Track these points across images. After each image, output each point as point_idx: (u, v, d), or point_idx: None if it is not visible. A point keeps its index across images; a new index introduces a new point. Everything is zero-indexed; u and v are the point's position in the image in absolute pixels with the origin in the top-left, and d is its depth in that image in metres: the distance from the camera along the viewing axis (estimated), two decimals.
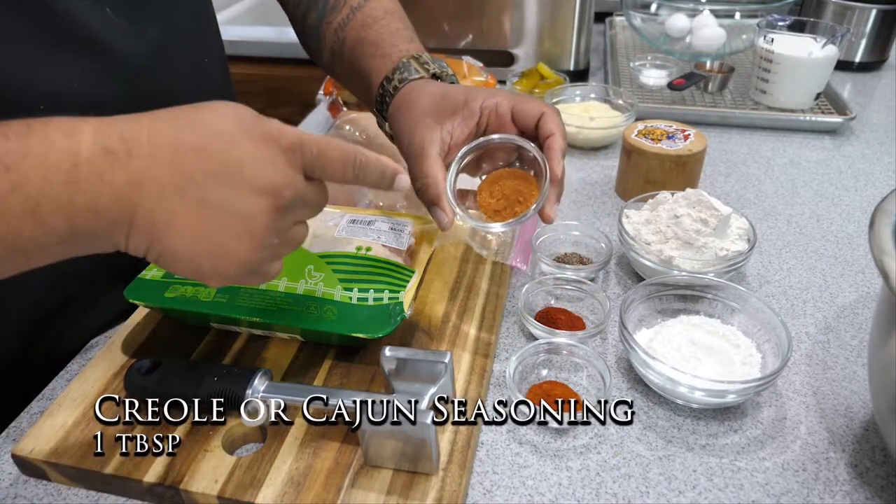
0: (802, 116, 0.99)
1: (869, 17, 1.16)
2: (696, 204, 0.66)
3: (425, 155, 0.55)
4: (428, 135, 0.56)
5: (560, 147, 0.55)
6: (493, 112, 0.56)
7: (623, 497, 0.47)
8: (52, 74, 0.51)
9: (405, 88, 0.60)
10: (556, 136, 0.55)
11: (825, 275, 0.69)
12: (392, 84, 0.61)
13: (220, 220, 0.38)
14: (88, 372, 0.55)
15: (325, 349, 0.57)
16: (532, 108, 0.56)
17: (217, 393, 0.49)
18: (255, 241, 0.40)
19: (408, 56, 0.62)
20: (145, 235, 0.38)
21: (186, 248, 0.39)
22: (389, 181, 0.47)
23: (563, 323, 0.60)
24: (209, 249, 0.39)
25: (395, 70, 0.61)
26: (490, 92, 0.57)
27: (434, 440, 0.44)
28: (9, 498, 0.48)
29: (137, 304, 0.57)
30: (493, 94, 0.57)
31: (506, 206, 0.57)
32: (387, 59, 0.62)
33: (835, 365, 0.58)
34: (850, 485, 0.48)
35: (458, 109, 0.56)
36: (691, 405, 0.53)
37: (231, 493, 0.45)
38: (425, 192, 0.55)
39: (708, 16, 1.14)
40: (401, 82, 0.60)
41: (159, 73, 0.59)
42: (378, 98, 0.62)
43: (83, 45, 0.52)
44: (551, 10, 1.11)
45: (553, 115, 0.56)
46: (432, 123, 0.56)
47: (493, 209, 0.57)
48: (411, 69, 0.61)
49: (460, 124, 0.56)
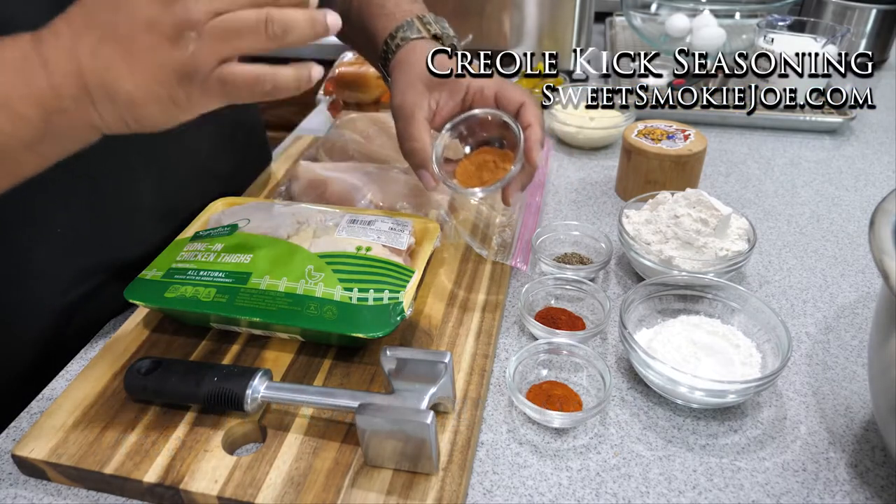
0: (802, 116, 1.00)
1: (869, 17, 1.16)
2: (696, 204, 0.66)
3: (414, 119, 0.59)
4: (418, 99, 0.60)
5: (538, 138, 0.59)
6: (479, 93, 0.61)
7: (623, 497, 0.47)
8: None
9: (406, 47, 0.64)
10: (535, 127, 0.59)
11: (825, 275, 0.69)
12: (395, 42, 0.64)
13: (137, 40, 0.41)
14: (88, 372, 0.55)
15: (325, 349, 0.57)
16: (515, 95, 0.60)
17: (217, 393, 0.49)
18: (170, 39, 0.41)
19: (412, 15, 0.65)
20: (105, 97, 0.41)
21: (136, 83, 0.41)
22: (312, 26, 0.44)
23: (563, 323, 0.60)
24: (149, 72, 0.41)
25: (398, 28, 0.64)
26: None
27: (434, 440, 0.44)
28: (9, 498, 0.48)
29: (137, 304, 0.57)
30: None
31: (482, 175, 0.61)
32: (391, 18, 0.66)
33: (835, 365, 0.58)
34: (850, 485, 0.48)
35: (447, 83, 0.61)
36: (691, 405, 0.53)
37: (231, 493, 0.45)
38: (413, 154, 0.60)
39: (708, 16, 1.13)
40: (402, 40, 0.64)
41: None
42: (382, 55, 0.66)
43: None
44: (551, 10, 1.11)
45: (533, 105, 0.60)
46: (423, 89, 0.60)
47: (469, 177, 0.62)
48: (413, 28, 0.64)
49: (447, 97, 0.61)
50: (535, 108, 0.60)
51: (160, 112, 0.43)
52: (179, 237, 0.64)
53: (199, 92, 0.43)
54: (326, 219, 0.62)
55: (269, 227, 0.61)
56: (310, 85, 0.46)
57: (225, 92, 0.44)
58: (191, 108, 0.44)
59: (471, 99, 0.61)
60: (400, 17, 0.65)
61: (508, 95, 0.60)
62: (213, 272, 0.57)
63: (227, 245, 0.59)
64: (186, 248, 0.61)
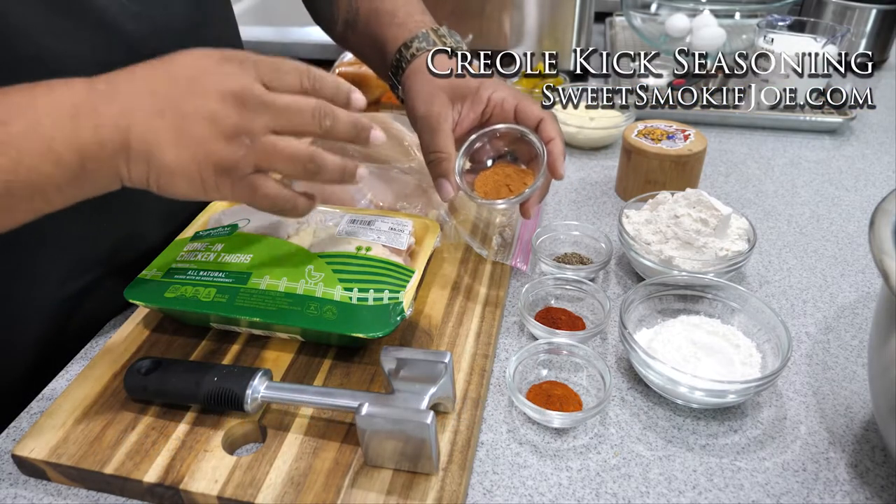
0: (802, 116, 0.99)
1: (869, 17, 1.16)
2: (696, 204, 0.66)
3: (440, 130, 0.60)
4: (444, 110, 0.60)
5: (561, 152, 0.60)
6: (498, 106, 0.61)
7: (623, 497, 0.47)
8: (67, 59, 0.53)
9: (422, 57, 0.63)
10: (557, 141, 0.60)
11: (825, 275, 0.69)
12: (410, 51, 0.64)
13: (195, 125, 0.44)
14: (88, 372, 0.55)
15: (325, 349, 0.57)
16: (534, 110, 0.61)
17: (217, 393, 0.49)
18: (227, 137, 0.44)
19: (426, 27, 0.65)
20: (142, 158, 0.44)
21: (177, 158, 0.44)
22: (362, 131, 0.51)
23: (563, 323, 0.60)
24: (193, 154, 0.44)
25: (413, 38, 0.64)
26: (498, 84, 0.62)
27: (434, 440, 0.44)
28: (9, 498, 0.48)
29: (137, 304, 0.57)
30: (500, 88, 0.61)
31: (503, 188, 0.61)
32: (403, 28, 0.66)
33: (835, 365, 0.58)
34: (850, 485, 0.48)
35: (469, 94, 0.61)
36: (691, 405, 0.53)
37: (231, 493, 0.45)
38: (438, 164, 0.60)
39: (708, 16, 1.13)
40: (418, 51, 0.64)
41: None
42: (394, 63, 0.66)
43: (96, 28, 0.54)
44: (551, 10, 1.11)
45: (552, 120, 0.61)
46: (447, 101, 0.61)
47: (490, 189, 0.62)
48: (429, 40, 0.64)
49: (469, 109, 0.61)
50: (555, 122, 0.61)
51: (187, 187, 0.46)
52: (179, 237, 0.64)
53: (230, 186, 0.46)
54: (326, 219, 0.62)
55: (269, 227, 0.61)
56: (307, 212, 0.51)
57: (251, 196, 0.48)
58: (216, 195, 0.47)
59: (490, 111, 0.61)
60: (413, 27, 0.65)
61: (528, 109, 0.61)
62: (213, 272, 0.57)
63: (227, 245, 0.59)
64: (186, 248, 0.61)
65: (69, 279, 0.60)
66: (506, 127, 0.61)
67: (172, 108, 0.44)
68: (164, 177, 0.45)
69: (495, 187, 0.62)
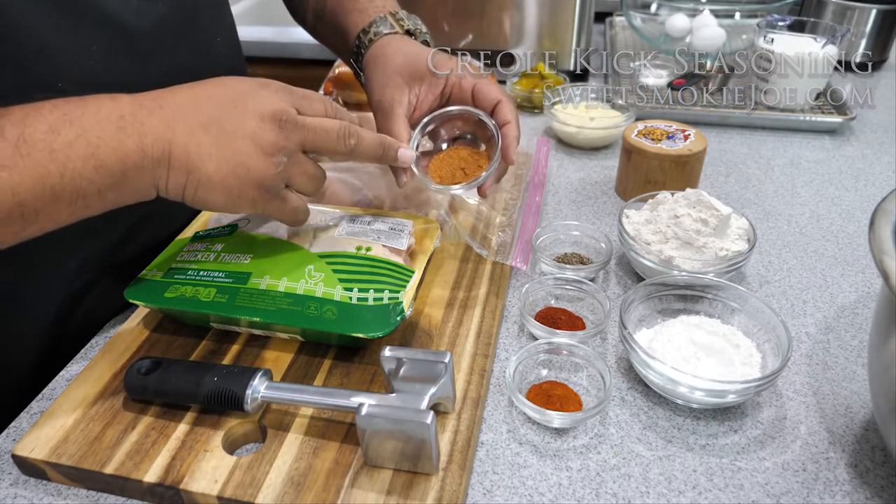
0: (802, 116, 0.99)
1: (869, 17, 1.16)
2: (696, 204, 0.66)
3: (393, 114, 0.60)
4: (397, 94, 0.61)
5: (515, 136, 0.60)
6: (457, 85, 0.62)
7: (623, 497, 0.47)
8: (69, 53, 0.53)
9: (380, 41, 0.64)
10: (512, 125, 0.60)
11: (825, 275, 0.69)
12: (368, 37, 0.65)
13: (237, 142, 0.47)
14: (88, 372, 0.55)
15: (325, 349, 0.57)
16: (491, 92, 0.61)
17: (217, 393, 0.49)
18: (265, 155, 0.48)
19: (384, 11, 0.66)
20: (182, 168, 0.47)
21: (217, 171, 0.47)
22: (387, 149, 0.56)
23: (563, 323, 0.60)
24: (234, 168, 0.47)
25: (371, 24, 0.65)
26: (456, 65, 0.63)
27: (434, 440, 0.44)
28: (9, 498, 0.48)
29: (137, 304, 0.57)
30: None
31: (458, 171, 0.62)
32: (363, 14, 0.67)
33: (835, 365, 0.58)
34: (850, 485, 0.48)
35: (426, 75, 0.61)
36: (691, 405, 0.53)
37: (231, 493, 0.45)
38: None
39: (708, 16, 1.13)
40: (375, 35, 0.65)
41: (172, 52, 0.61)
42: (354, 50, 0.67)
43: (98, 22, 0.55)
44: (551, 10, 1.11)
45: (509, 103, 0.61)
46: (402, 83, 0.61)
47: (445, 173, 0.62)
48: (386, 23, 0.65)
49: (427, 90, 0.62)
50: (512, 106, 0.61)
51: (224, 199, 0.49)
52: (179, 237, 0.64)
53: (265, 200, 0.50)
54: (326, 219, 0.62)
55: (269, 227, 0.61)
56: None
57: (281, 208, 0.52)
58: (248, 208, 0.50)
59: (449, 91, 0.62)
60: (373, 12, 0.66)
61: (485, 90, 0.61)
62: (212, 272, 0.57)
63: (227, 245, 0.59)
64: (186, 248, 0.61)
65: (69, 279, 0.60)
66: (459, 109, 0.62)
67: (215, 124, 0.47)
68: (202, 188, 0.48)
69: (450, 171, 0.62)
